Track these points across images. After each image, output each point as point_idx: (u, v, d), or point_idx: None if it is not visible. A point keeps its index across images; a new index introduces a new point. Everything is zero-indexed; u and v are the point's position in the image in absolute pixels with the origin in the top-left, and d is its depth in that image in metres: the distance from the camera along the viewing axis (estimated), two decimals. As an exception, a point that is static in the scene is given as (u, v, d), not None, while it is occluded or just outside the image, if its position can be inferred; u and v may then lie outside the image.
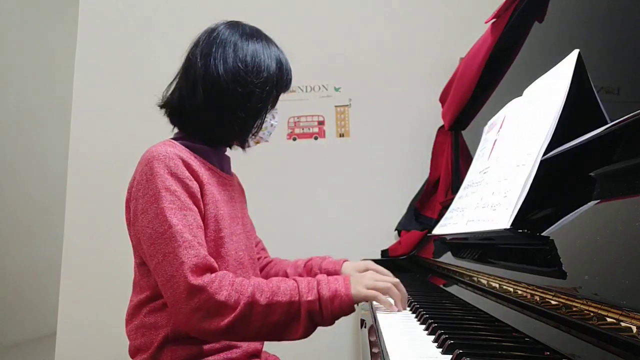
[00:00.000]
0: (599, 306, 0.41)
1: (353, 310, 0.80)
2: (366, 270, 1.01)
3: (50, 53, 3.80)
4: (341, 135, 1.94)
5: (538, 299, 0.53)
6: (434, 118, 1.76)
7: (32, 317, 3.48)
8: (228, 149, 1.01)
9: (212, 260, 0.79)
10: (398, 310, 0.83)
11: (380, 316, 0.79)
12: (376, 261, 1.67)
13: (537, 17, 1.06)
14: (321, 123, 1.95)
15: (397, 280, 0.89)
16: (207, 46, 0.90)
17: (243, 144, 0.97)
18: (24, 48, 3.59)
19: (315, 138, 1.95)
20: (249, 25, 0.96)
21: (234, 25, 0.94)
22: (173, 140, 0.90)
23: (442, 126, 1.72)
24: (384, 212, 1.84)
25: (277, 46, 0.96)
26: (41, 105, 3.72)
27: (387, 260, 1.68)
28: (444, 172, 1.65)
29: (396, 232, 1.79)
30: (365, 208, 1.88)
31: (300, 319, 0.77)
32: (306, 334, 0.79)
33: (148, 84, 2.03)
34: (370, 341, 0.67)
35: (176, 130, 0.96)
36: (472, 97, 1.41)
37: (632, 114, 0.48)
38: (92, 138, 2.05)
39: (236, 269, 0.92)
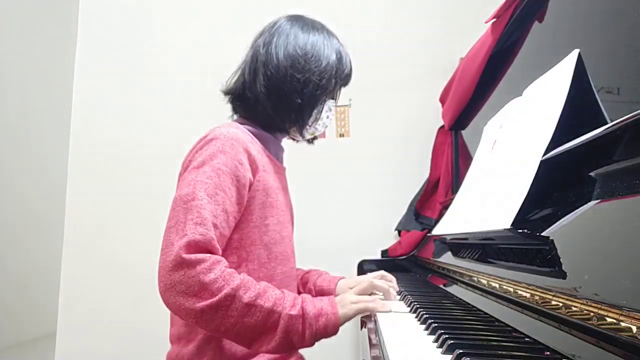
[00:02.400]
0: (599, 306, 0.41)
1: (337, 331, 0.79)
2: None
3: (50, 53, 3.79)
4: (341, 135, 1.94)
5: (538, 299, 0.53)
6: (434, 118, 1.76)
7: (32, 317, 3.48)
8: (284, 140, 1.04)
9: (217, 247, 0.77)
10: (394, 297, 0.86)
11: (381, 316, 0.79)
12: (376, 261, 1.69)
13: (537, 17, 1.06)
14: (321, 123, 1.95)
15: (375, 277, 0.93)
16: (270, 35, 0.94)
17: (301, 131, 0.99)
18: (24, 48, 3.59)
19: (315, 138, 1.95)
20: (310, 18, 0.99)
21: (296, 18, 0.98)
22: (238, 124, 0.92)
23: (442, 126, 1.72)
24: (384, 212, 1.83)
25: (338, 40, 0.98)
26: (41, 104, 3.71)
27: (387, 260, 1.68)
28: (444, 172, 1.65)
29: (396, 232, 1.79)
30: (365, 208, 1.88)
31: (276, 331, 0.75)
32: (277, 349, 0.76)
33: (150, 84, 2.05)
34: (370, 342, 0.67)
35: (235, 117, 1.00)
36: (472, 97, 1.41)
37: (632, 114, 0.48)
38: (93, 137, 2.04)
39: (283, 258, 0.93)
